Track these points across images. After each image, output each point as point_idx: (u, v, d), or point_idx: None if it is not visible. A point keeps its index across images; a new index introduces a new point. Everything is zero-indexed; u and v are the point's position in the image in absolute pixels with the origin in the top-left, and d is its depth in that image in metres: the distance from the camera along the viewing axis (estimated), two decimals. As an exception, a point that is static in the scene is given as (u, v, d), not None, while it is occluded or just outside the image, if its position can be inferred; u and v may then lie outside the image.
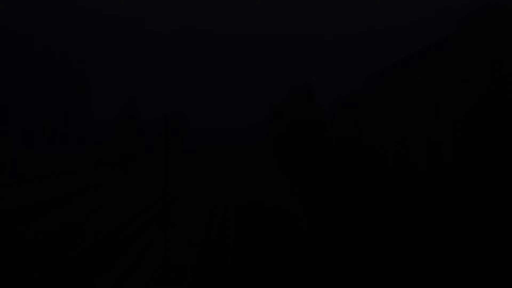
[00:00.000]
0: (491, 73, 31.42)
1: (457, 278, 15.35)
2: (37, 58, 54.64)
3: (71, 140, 63.68)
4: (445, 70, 35.85)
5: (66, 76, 62.87)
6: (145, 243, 19.04)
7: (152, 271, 15.54)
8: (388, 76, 53.87)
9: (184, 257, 17.01)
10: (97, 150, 72.80)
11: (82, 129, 67.97)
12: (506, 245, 21.68)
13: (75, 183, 42.06)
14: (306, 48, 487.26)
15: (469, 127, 31.84)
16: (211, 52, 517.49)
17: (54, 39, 59.32)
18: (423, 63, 42.56)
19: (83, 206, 28.59)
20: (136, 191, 36.72)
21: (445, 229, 26.64)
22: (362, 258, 17.38)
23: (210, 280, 14.70)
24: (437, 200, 38.31)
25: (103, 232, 21.10)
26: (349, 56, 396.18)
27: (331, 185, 46.71)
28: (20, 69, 51.03)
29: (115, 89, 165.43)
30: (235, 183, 44.98)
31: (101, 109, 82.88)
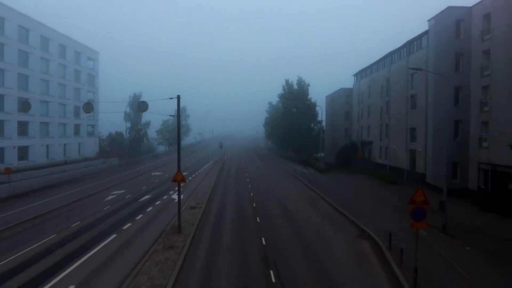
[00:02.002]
0: (455, 65, 36.40)
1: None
2: (52, 55, 59.67)
3: (82, 132, 68.83)
4: (419, 64, 40.57)
5: (78, 72, 67.84)
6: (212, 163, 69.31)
7: (219, 169, 59.46)
8: (372, 72, 58.72)
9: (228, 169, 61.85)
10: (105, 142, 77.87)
11: (92, 122, 72.95)
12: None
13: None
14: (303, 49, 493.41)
15: (437, 115, 36.60)
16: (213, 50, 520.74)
17: (67, 38, 64.36)
18: (401, 59, 47.42)
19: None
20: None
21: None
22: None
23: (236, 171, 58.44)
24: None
25: (196, 162, 72.12)
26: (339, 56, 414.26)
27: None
28: (37, 65, 56.13)
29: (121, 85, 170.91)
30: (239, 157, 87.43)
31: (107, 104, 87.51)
